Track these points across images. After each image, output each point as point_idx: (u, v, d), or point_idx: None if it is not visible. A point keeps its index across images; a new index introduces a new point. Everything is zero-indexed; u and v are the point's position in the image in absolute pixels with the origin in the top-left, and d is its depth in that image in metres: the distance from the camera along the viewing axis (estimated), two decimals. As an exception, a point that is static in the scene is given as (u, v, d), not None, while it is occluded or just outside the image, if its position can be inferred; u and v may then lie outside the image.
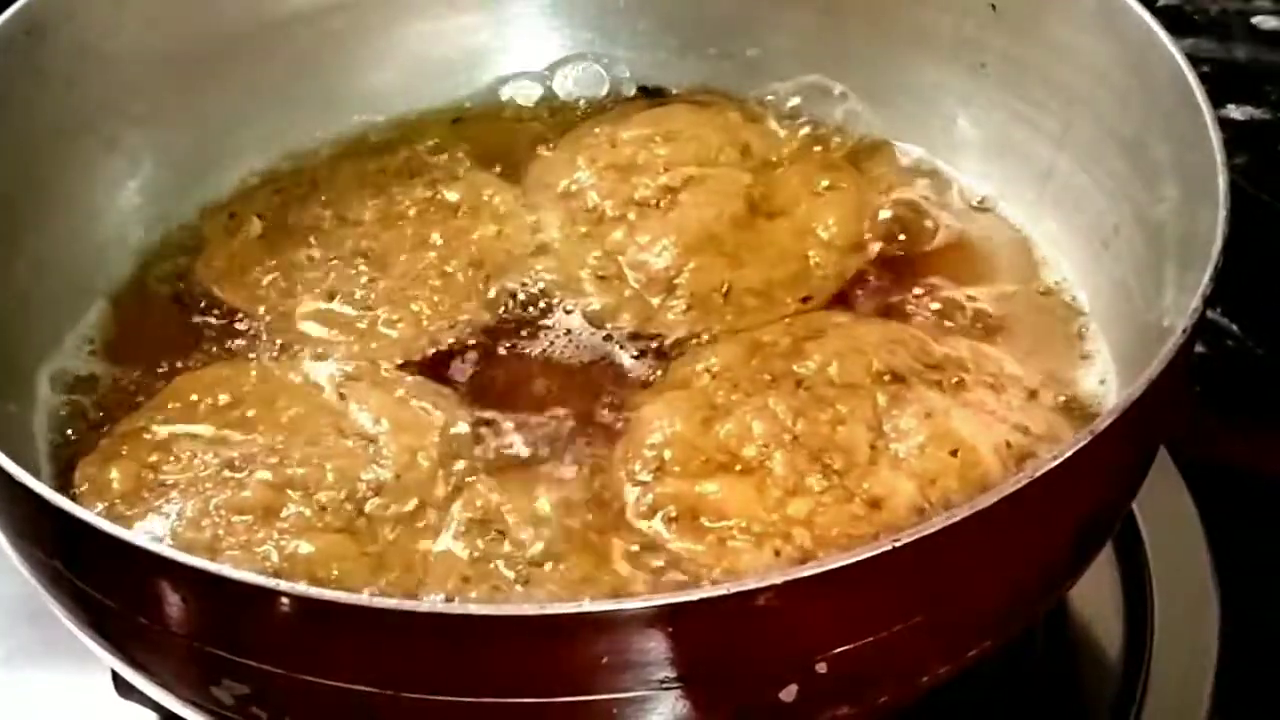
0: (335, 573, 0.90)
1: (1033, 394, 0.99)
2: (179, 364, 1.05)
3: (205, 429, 0.97)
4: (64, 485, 0.97)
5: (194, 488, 0.94)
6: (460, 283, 1.09)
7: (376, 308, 1.07)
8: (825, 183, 1.14)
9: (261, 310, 1.08)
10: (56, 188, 1.08)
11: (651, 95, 1.25)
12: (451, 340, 1.06)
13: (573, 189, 1.15)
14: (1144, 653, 1.02)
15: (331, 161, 1.20)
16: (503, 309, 1.08)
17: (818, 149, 1.18)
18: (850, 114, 1.21)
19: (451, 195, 1.14)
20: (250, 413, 0.98)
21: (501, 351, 1.06)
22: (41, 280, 1.06)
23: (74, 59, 1.08)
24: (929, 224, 1.13)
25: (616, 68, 1.26)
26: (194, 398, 0.99)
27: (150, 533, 0.92)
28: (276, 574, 0.88)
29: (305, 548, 0.90)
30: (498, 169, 1.19)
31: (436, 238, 1.11)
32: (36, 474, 0.80)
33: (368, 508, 0.93)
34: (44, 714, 1.03)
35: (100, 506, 0.94)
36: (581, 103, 1.25)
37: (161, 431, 0.97)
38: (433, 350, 1.05)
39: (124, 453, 0.97)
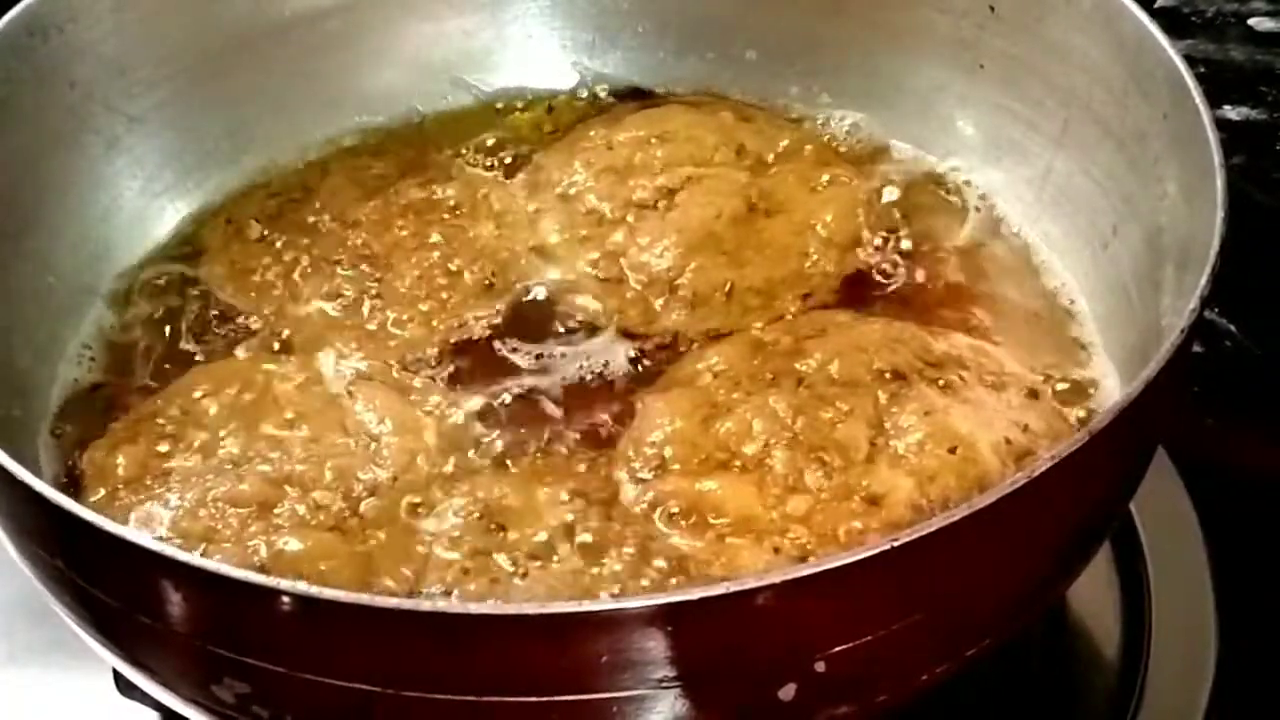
0: (321, 569, 0.89)
1: (1032, 393, 0.99)
2: (181, 365, 1.05)
3: (214, 421, 0.97)
4: (66, 483, 0.97)
5: (195, 477, 0.94)
6: (467, 282, 1.09)
7: (385, 307, 1.07)
8: (825, 178, 1.14)
9: (266, 312, 1.09)
10: (58, 189, 1.09)
11: (645, 96, 1.25)
12: (459, 339, 1.06)
13: (571, 191, 1.15)
14: (1142, 652, 1.02)
15: (331, 163, 1.20)
16: (507, 309, 1.08)
17: (815, 148, 1.18)
18: (848, 115, 1.20)
19: (449, 196, 1.14)
20: (259, 408, 0.98)
21: (505, 351, 1.06)
22: (43, 281, 1.06)
23: (76, 60, 1.09)
24: (926, 224, 1.13)
25: (615, 69, 1.27)
26: (207, 389, 1.00)
27: (147, 520, 0.92)
28: (263, 569, 0.88)
29: (294, 544, 0.90)
30: (496, 171, 1.19)
31: (437, 237, 1.11)
32: (38, 473, 0.80)
33: (361, 508, 0.93)
34: (46, 713, 1.03)
35: (102, 492, 0.95)
36: (579, 104, 1.25)
37: (171, 420, 0.98)
38: (441, 349, 1.05)
39: (132, 439, 0.97)
